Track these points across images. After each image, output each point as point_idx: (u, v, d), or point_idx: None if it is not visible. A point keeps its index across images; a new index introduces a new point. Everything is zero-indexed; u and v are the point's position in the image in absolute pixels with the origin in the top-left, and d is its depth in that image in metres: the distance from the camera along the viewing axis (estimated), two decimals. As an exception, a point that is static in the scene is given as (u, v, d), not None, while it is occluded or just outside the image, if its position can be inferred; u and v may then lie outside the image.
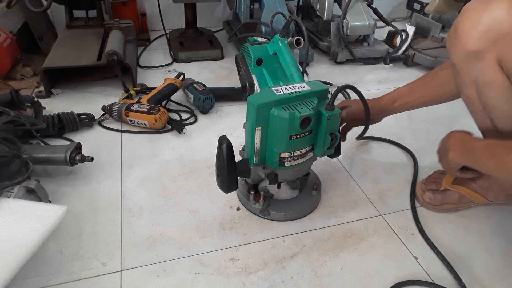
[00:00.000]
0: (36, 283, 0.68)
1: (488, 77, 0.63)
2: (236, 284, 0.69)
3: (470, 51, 0.62)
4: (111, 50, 1.23)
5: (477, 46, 0.61)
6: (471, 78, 0.65)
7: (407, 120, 1.22)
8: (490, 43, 0.59)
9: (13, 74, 1.35)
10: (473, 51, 0.61)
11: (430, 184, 0.88)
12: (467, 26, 0.61)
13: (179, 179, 0.93)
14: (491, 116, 0.69)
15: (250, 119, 0.68)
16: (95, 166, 0.96)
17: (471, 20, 0.61)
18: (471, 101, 0.70)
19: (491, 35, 0.59)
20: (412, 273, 0.72)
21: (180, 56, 1.59)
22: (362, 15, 1.55)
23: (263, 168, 0.75)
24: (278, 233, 0.80)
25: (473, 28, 0.60)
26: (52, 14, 1.75)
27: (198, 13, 1.73)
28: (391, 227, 0.82)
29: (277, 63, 0.98)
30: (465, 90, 0.69)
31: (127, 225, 0.80)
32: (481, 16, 0.59)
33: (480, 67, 0.62)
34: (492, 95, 0.65)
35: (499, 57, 0.60)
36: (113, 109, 1.12)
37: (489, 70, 0.62)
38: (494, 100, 0.65)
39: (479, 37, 0.60)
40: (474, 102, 0.69)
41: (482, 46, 0.60)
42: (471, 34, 0.61)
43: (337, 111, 0.69)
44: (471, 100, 0.70)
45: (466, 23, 0.61)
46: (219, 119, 1.20)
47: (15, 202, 0.68)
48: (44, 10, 1.37)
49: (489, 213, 0.86)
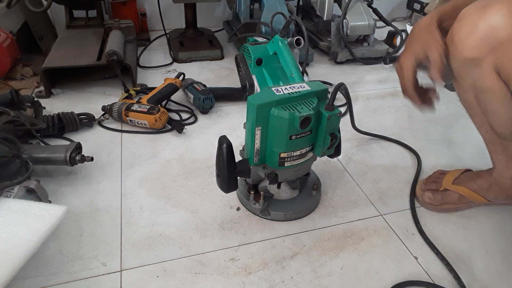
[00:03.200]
0: (36, 283, 0.68)
1: (485, 84, 0.62)
2: (236, 284, 0.69)
3: (467, 59, 0.61)
4: (111, 50, 1.23)
5: (474, 53, 0.60)
6: (469, 84, 0.65)
7: (407, 120, 1.22)
8: (487, 50, 0.59)
9: (13, 74, 1.35)
10: (470, 58, 0.61)
11: (430, 184, 0.88)
12: (463, 33, 0.60)
13: (179, 179, 0.93)
14: (489, 121, 0.69)
15: (250, 119, 0.68)
16: (95, 166, 0.96)
17: (467, 27, 0.60)
18: (470, 106, 0.70)
19: (488, 43, 0.58)
20: (412, 273, 0.72)
21: (180, 56, 1.59)
22: (362, 15, 1.55)
23: (263, 168, 0.75)
24: (278, 233, 0.80)
25: (470, 36, 0.59)
26: (52, 14, 1.75)
27: (198, 13, 1.73)
28: (391, 227, 0.82)
29: (277, 63, 0.98)
30: (464, 95, 0.69)
31: (127, 225, 0.80)
32: (477, 23, 0.58)
33: (477, 73, 0.62)
34: (490, 101, 0.65)
35: (496, 64, 0.59)
36: (113, 109, 1.12)
37: (486, 77, 0.61)
38: (492, 106, 0.65)
39: (476, 44, 0.59)
40: (472, 107, 0.69)
41: (479, 53, 0.59)
42: (467, 42, 0.60)
43: (337, 111, 0.69)
44: (469, 105, 0.70)
45: (462, 31, 0.61)
46: (219, 119, 1.20)
47: (15, 202, 0.68)
48: (44, 10, 1.37)
49: (489, 213, 0.86)
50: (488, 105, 0.66)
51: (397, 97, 1.37)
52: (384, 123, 1.13)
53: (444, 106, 1.32)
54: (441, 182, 0.87)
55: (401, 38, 1.62)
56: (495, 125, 0.68)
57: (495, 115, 0.67)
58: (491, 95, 0.63)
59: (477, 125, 0.74)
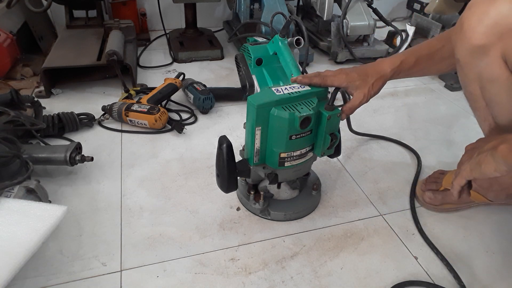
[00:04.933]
0: (36, 283, 0.68)
1: (492, 73, 0.62)
2: (236, 284, 0.69)
3: (475, 46, 0.61)
4: (111, 50, 1.23)
5: (482, 40, 0.60)
6: (475, 74, 0.65)
7: (407, 120, 1.22)
8: (496, 37, 0.58)
9: (13, 74, 1.35)
10: (478, 45, 0.61)
11: (430, 184, 0.88)
12: (474, 20, 0.60)
13: (179, 179, 0.93)
14: (493, 113, 0.68)
15: (250, 119, 0.68)
16: (95, 166, 0.96)
17: (477, 14, 0.60)
18: (474, 98, 0.70)
19: (497, 29, 0.58)
20: (412, 273, 0.72)
21: (180, 56, 1.59)
22: (362, 15, 1.55)
23: (263, 168, 0.75)
24: (278, 233, 0.80)
25: (480, 22, 0.59)
26: (52, 14, 1.75)
27: (198, 13, 1.73)
28: (391, 227, 0.82)
29: (277, 63, 0.98)
30: (469, 87, 0.69)
31: (127, 225, 0.80)
32: (488, 10, 0.58)
33: (485, 62, 0.62)
34: (496, 91, 0.64)
35: (504, 52, 0.59)
36: (113, 109, 1.12)
37: (493, 65, 0.61)
38: (498, 96, 0.65)
39: (485, 31, 0.59)
40: (477, 99, 0.69)
41: (488, 40, 0.59)
42: (477, 29, 0.60)
43: (337, 111, 0.69)
44: (474, 97, 0.69)
45: (472, 18, 0.61)
46: (219, 119, 1.20)
47: (15, 202, 0.68)
48: (44, 10, 1.37)
49: (489, 213, 0.86)
50: (494, 95, 0.65)
51: (397, 97, 1.37)
52: (384, 123, 1.13)
53: (444, 106, 1.32)
54: (441, 182, 0.87)
55: (401, 38, 1.62)
56: (499, 116, 0.68)
57: (499, 106, 0.66)
58: (497, 84, 0.63)
59: (480, 119, 0.73)
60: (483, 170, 0.59)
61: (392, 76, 0.79)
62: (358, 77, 0.75)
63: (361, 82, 0.75)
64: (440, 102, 1.35)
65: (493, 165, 0.57)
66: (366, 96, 0.75)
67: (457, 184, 0.66)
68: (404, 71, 0.80)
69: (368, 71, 0.76)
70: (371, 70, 0.77)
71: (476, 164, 0.60)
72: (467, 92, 0.71)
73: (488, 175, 0.59)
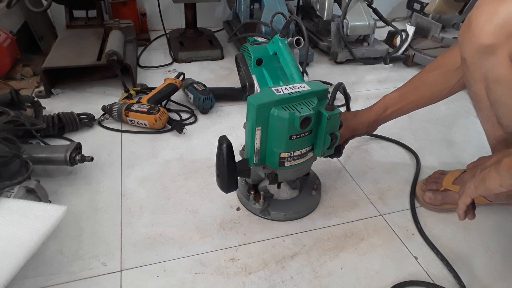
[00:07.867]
0: (36, 283, 0.68)
1: (499, 73, 0.61)
2: (236, 284, 0.69)
3: (483, 45, 0.60)
4: (111, 50, 1.23)
5: (491, 40, 0.59)
6: (481, 74, 0.64)
7: (407, 120, 1.22)
8: (505, 37, 0.58)
9: (13, 74, 1.35)
10: (486, 45, 0.60)
11: (431, 184, 0.88)
12: (483, 19, 0.59)
13: (179, 179, 0.93)
14: (498, 114, 0.68)
15: (250, 119, 0.68)
16: (95, 166, 0.96)
17: (486, 13, 0.59)
18: (478, 98, 0.69)
19: (506, 29, 0.57)
20: (412, 273, 0.72)
21: (180, 56, 1.59)
22: (362, 15, 1.55)
23: (263, 168, 0.75)
24: (278, 233, 0.80)
25: (489, 22, 0.58)
26: (52, 14, 1.75)
27: (198, 13, 1.73)
28: (391, 227, 0.82)
29: (277, 63, 0.98)
30: (474, 86, 0.68)
31: (127, 225, 0.80)
32: (497, 9, 0.57)
33: (491, 62, 0.61)
34: (502, 92, 0.64)
35: (511, 53, 0.58)
36: (113, 109, 1.12)
37: (500, 65, 0.60)
38: (503, 97, 0.64)
39: (494, 31, 0.58)
40: (481, 99, 0.68)
41: (496, 40, 0.58)
42: (486, 28, 0.59)
43: (337, 111, 0.69)
44: (478, 97, 0.69)
45: (481, 17, 0.60)
46: (219, 119, 1.20)
47: (15, 202, 0.68)
48: (44, 10, 1.37)
49: (489, 213, 0.86)
50: (499, 96, 0.64)
51: (397, 97, 1.37)
52: (384, 123, 1.12)
53: (444, 106, 1.32)
54: (441, 182, 0.87)
55: (401, 38, 1.62)
56: (504, 118, 0.67)
57: (504, 107, 0.65)
58: (503, 85, 0.62)
59: (483, 119, 0.73)
60: (488, 185, 0.59)
61: (379, 112, 0.88)
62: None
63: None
64: (440, 102, 1.34)
65: (498, 180, 0.57)
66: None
67: (462, 203, 0.65)
68: (391, 106, 0.87)
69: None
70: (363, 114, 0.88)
71: (480, 180, 0.60)
72: (471, 92, 0.71)
73: (494, 190, 0.59)
